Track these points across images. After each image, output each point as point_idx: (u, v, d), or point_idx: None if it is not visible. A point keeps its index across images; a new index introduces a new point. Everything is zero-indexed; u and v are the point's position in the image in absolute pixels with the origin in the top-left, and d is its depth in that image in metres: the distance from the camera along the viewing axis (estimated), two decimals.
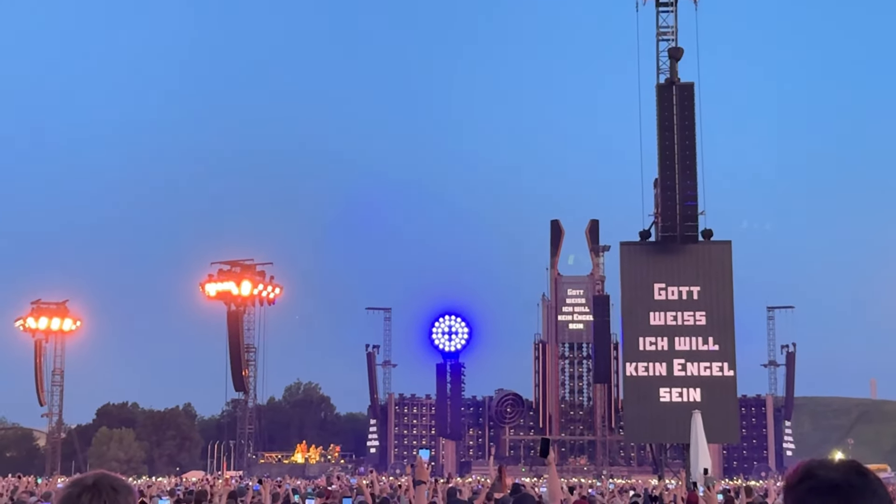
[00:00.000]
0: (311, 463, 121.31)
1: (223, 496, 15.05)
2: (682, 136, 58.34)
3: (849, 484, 2.50)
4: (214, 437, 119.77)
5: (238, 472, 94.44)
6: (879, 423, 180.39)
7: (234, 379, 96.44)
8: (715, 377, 57.17)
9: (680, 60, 60.28)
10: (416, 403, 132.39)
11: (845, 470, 2.54)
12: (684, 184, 57.87)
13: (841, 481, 2.51)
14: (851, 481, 2.51)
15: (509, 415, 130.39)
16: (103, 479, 3.62)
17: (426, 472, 8.66)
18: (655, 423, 57.12)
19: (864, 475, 2.55)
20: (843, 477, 2.52)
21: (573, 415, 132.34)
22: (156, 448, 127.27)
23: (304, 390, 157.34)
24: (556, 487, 9.22)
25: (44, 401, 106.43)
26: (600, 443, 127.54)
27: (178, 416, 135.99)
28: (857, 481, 2.51)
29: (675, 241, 58.27)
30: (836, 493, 2.49)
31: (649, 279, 58.94)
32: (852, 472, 2.54)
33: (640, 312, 58.91)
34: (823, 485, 2.52)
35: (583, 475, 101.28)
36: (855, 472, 2.54)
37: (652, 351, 58.16)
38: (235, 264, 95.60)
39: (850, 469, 2.55)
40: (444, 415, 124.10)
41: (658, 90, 60.04)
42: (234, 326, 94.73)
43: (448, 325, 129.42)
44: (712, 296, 58.34)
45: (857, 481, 2.51)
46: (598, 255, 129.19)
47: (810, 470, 2.58)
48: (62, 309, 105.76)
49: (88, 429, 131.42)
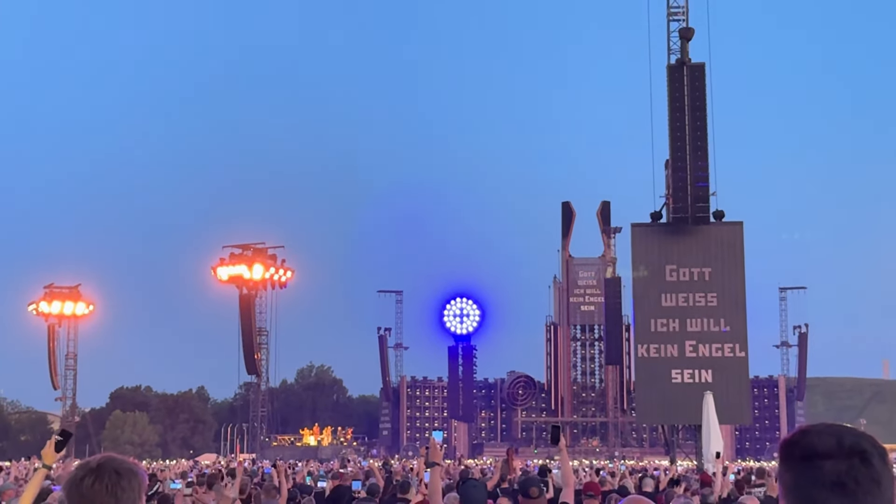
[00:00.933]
0: (324, 445, 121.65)
1: (235, 484, 15.05)
2: (693, 117, 58.09)
3: (855, 480, 2.42)
4: (227, 421, 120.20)
5: (251, 454, 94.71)
6: (892, 403, 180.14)
7: (246, 362, 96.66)
8: (727, 358, 57.11)
9: (691, 41, 59.99)
10: (429, 386, 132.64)
11: (851, 459, 2.44)
12: (695, 164, 57.66)
13: (846, 479, 2.43)
14: (858, 476, 2.42)
15: (521, 397, 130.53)
16: (108, 462, 3.61)
17: (440, 453, 8.62)
18: (667, 405, 57.10)
19: (870, 464, 2.44)
20: (848, 471, 2.43)
21: (585, 396, 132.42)
22: (169, 431, 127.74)
23: (317, 373, 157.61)
24: (568, 473, 9.20)
25: (57, 384, 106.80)
26: (612, 424, 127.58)
27: (192, 399, 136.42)
28: (862, 475, 2.42)
29: (687, 223, 58.11)
30: (839, 491, 2.42)
31: (661, 260, 58.83)
32: (858, 460, 2.43)
33: (652, 294, 58.83)
34: (828, 478, 2.44)
35: (595, 457, 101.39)
36: (860, 460, 2.44)
37: (663, 332, 58.11)
38: (247, 248, 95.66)
39: (856, 456, 2.44)
40: (457, 397, 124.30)
41: (669, 71, 59.77)
42: (246, 310, 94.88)
43: (459, 307, 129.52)
44: (724, 277, 58.22)
45: (862, 475, 2.43)
46: (610, 237, 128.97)
47: (814, 452, 2.48)
48: (75, 293, 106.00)
49: (102, 412, 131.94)
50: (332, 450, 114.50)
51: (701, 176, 57.58)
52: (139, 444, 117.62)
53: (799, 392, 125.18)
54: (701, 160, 57.79)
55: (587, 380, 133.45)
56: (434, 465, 8.48)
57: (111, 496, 3.57)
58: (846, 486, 2.42)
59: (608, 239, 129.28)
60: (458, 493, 8.09)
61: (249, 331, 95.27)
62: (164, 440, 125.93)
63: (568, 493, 8.59)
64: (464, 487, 8.02)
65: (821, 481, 2.45)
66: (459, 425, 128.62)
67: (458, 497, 8.67)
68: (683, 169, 57.66)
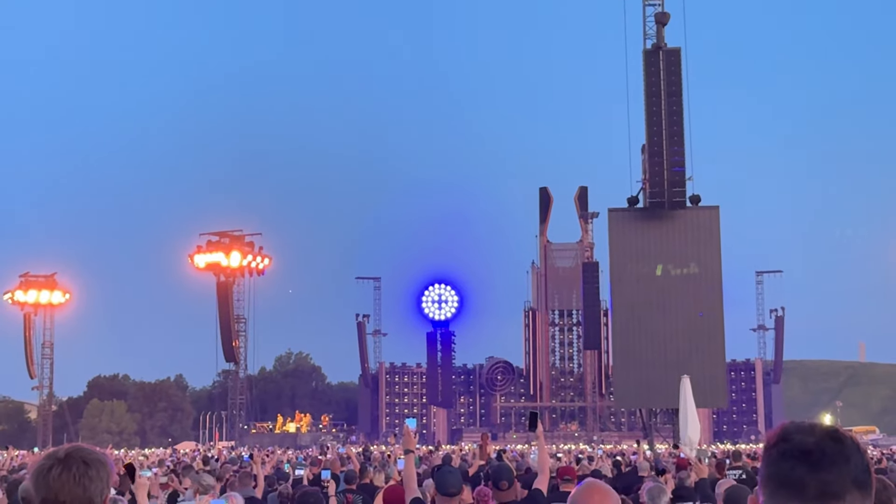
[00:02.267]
0: (303, 432, 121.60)
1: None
2: (670, 102, 58.26)
3: (822, 450, 2.44)
4: (206, 408, 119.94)
5: (230, 442, 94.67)
6: (868, 386, 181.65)
7: (224, 350, 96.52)
8: (703, 342, 57.43)
9: (667, 25, 60.10)
10: (407, 372, 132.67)
11: (821, 435, 2.47)
12: (672, 149, 57.88)
13: (813, 446, 2.45)
14: (824, 447, 2.44)
15: (500, 382, 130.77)
16: (75, 452, 3.59)
17: (414, 441, 8.75)
18: (644, 389, 57.44)
19: (840, 441, 2.47)
20: (817, 442, 2.46)
21: (564, 381, 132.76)
22: (147, 420, 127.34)
23: (295, 360, 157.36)
24: (545, 459, 9.27)
25: (34, 374, 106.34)
26: (591, 409, 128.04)
27: (170, 387, 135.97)
28: (830, 447, 2.44)
29: (663, 207, 58.37)
30: (807, 459, 2.44)
31: (637, 245, 59.09)
32: (827, 437, 2.47)
33: (629, 278, 59.10)
34: (796, 449, 2.47)
35: (573, 441, 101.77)
36: (830, 438, 2.47)
37: (641, 317, 58.38)
38: (224, 235, 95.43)
39: (825, 434, 2.48)
40: (435, 383, 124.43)
41: (645, 56, 59.89)
42: (223, 297, 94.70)
43: (438, 293, 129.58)
44: (700, 261, 58.53)
45: (831, 447, 2.45)
46: (588, 222, 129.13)
47: (787, 433, 2.52)
48: (51, 281, 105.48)
49: (79, 401, 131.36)
50: (311, 437, 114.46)
51: (677, 161, 57.84)
52: (117, 433, 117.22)
53: (775, 375, 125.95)
54: (677, 145, 58.05)
55: (566, 365, 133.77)
56: (408, 453, 8.66)
57: (79, 486, 3.54)
58: (812, 455, 2.44)
59: (586, 224, 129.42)
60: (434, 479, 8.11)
61: (227, 318, 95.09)
62: (143, 429, 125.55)
63: (542, 479, 8.63)
64: (439, 473, 8.04)
65: (790, 453, 2.47)
66: (438, 411, 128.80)
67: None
68: (660, 154, 57.90)
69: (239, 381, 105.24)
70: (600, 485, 4.22)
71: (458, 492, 7.80)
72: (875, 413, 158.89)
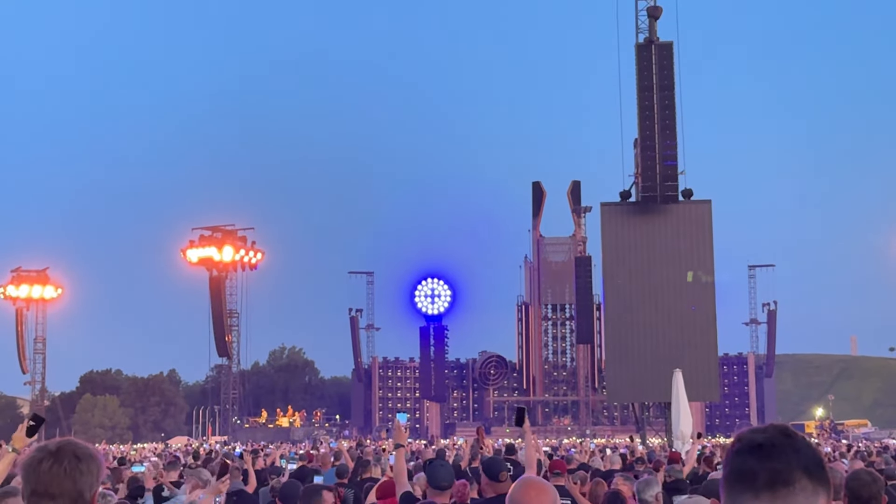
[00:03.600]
0: (297, 427, 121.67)
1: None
2: (662, 96, 58.29)
3: (771, 443, 2.57)
4: (199, 403, 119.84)
5: (223, 437, 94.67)
6: (860, 379, 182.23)
7: (217, 344, 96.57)
8: (696, 336, 57.49)
9: (659, 19, 60.09)
10: (400, 366, 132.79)
11: (772, 432, 2.62)
12: (664, 143, 57.91)
13: (763, 441, 2.59)
14: (774, 440, 2.58)
15: (493, 376, 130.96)
16: (66, 446, 3.60)
17: (404, 435, 8.82)
18: (637, 383, 57.45)
19: (790, 436, 2.60)
20: (767, 437, 2.60)
21: (556, 375, 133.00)
22: (140, 414, 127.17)
23: (289, 355, 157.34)
24: (532, 455, 9.34)
25: (26, 368, 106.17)
26: (584, 403, 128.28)
27: (163, 382, 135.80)
28: (780, 440, 2.58)
29: (656, 201, 58.42)
30: (757, 452, 2.57)
31: (630, 239, 59.14)
32: (777, 433, 2.61)
33: (622, 273, 59.15)
34: (747, 445, 2.60)
35: (566, 435, 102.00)
36: (780, 433, 2.61)
37: (633, 311, 58.45)
38: (217, 230, 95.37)
39: (776, 430, 2.62)
40: (428, 377, 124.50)
41: (637, 50, 59.91)
42: (216, 292, 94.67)
43: (431, 287, 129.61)
44: (693, 255, 58.60)
45: (780, 440, 2.58)
46: (580, 217, 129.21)
47: (741, 434, 2.68)
48: (43, 276, 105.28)
49: (72, 396, 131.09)
50: (305, 431, 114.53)
51: (669, 155, 57.87)
52: (110, 428, 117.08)
53: (768, 369, 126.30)
54: (669, 139, 58.07)
55: (558, 359, 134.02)
56: (399, 447, 8.71)
57: (69, 479, 3.56)
58: (762, 448, 2.57)
59: (578, 218, 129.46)
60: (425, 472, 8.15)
61: (220, 313, 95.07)
62: (136, 423, 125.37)
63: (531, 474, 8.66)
64: (430, 467, 8.07)
65: (743, 449, 2.60)
66: (431, 405, 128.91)
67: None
68: (652, 148, 57.93)
69: (232, 375, 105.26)
70: (537, 480, 4.41)
71: (450, 485, 7.83)
72: (867, 406, 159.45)
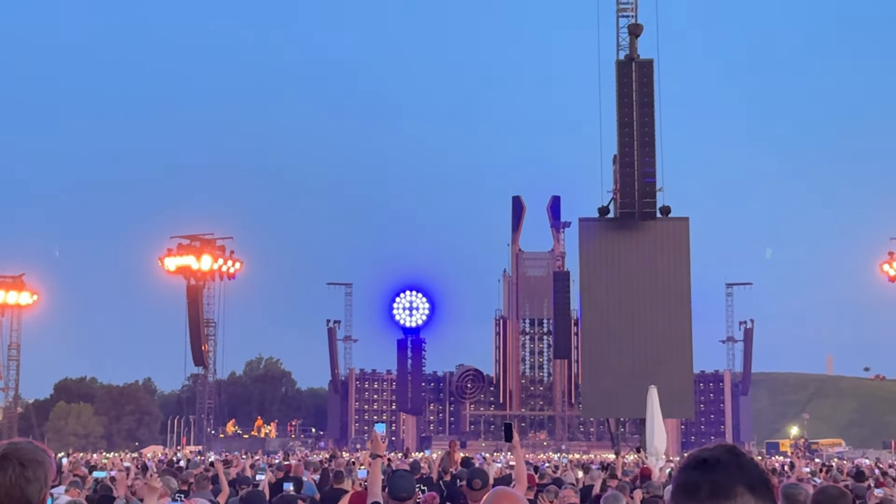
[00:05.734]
0: (272, 438, 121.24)
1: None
2: (641, 113, 58.63)
3: (716, 458, 2.64)
4: (174, 412, 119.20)
5: (198, 446, 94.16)
6: (835, 399, 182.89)
7: (193, 353, 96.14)
8: (672, 353, 57.69)
9: (640, 37, 60.48)
10: (377, 378, 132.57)
11: (719, 449, 2.70)
12: (643, 160, 58.24)
13: (709, 457, 2.66)
14: (719, 457, 2.65)
15: (470, 390, 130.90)
16: (11, 452, 3.54)
17: (382, 445, 8.83)
18: (612, 399, 57.59)
19: (736, 454, 2.68)
20: (712, 454, 2.67)
21: (533, 390, 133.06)
22: (114, 423, 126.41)
23: (265, 365, 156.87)
24: (522, 469, 9.35)
25: (0, 375, 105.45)
26: (560, 418, 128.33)
27: (138, 390, 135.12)
28: (725, 457, 2.65)
29: (634, 218, 58.69)
30: (701, 467, 2.64)
31: (608, 255, 59.37)
32: (724, 450, 2.69)
33: (599, 288, 59.35)
34: (692, 461, 2.69)
35: (542, 450, 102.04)
36: (726, 451, 2.68)
37: (610, 327, 58.61)
38: (195, 238, 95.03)
39: (723, 448, 2.70)
40: (405, 390, 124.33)
41: (618, 66, 60.24)
42: (193, 301, 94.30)
43: (409, 300, 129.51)
44: (670, 272, 58.84)
45: (725, 457, 2.65)
46: (559, 232, 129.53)
47: (691, 453, 2.77)
48: (19, 282, 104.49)
49: (46, 403, 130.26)
50: (280, 442, 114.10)
51: (648, 172, 58.20)
52: (84, 436, 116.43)
53: (744, 387, 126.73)
54: (648, 156, 58.41)
55: (535, 373, 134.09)
56: (377, 457, 8.71)
57: (15, 488, 3.49)
58: (707, 462, 2.65)
59: (557, 233, 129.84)
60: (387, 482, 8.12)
61: (197, 322, 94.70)
62: (110, 432, 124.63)
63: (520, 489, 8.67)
64: (392, 477, 8.04)
65: (689, 464, 2.70)
66: (408, 418, 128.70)
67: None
68: (631, 164, 58.25)
69: (208, 385, 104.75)
70: (509, 491, 4.45)
71: (409, 496, 7.79)
72: (842, 426, 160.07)
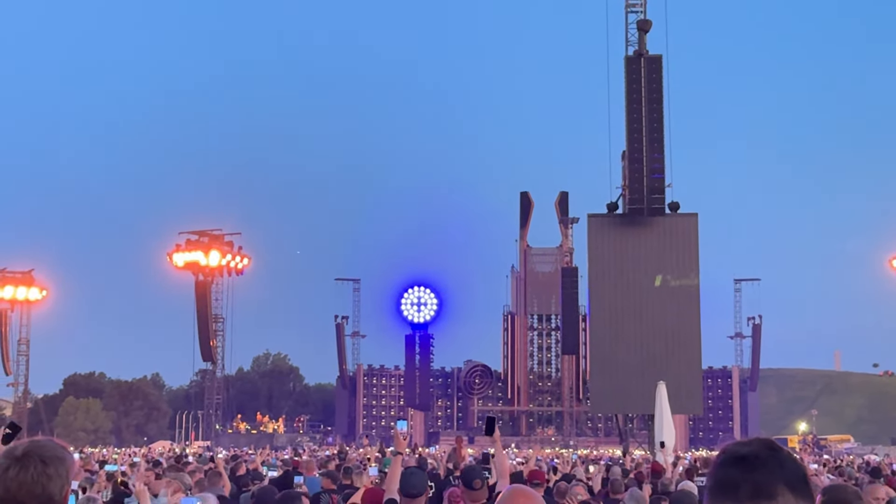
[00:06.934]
0: (280, 433, 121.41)
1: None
2: (650, 109, 58.48)
3: (755, 455, 2.59)
4: (182, 408, 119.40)
5: (206, 442, 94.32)
6: (843, 395, 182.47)
7: (201, 349, 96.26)
8: (680, 349, 57.62)
9: (648, 33, 60.34)
10: (385, 374, 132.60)
11: (757, 445, 2.64)
12: (652, 157, 58.10)
13: (748, 453, 2.60)
14: (759, 454, 2.59)
15: (478, 386, 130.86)
16: (33, 450, 3.55)
17: (404, 443, 9.06)
18: (620, 395, 57.53)
19: (774, 450, 2.62)
20: (751, 450, 2.61)
21: (541, 386, 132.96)
22: (123, 418, 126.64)
23: (273, 361, 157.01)
24: (504, 464, 9.43)
25: (10, 370, 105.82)
26: (568, 413, 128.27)
27: (146, 385, 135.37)
28: (764, 454, 2.59)
29: (643, 214, 58.58)
30: (741, 464, 2.58)
31: (616, 251, 59.28)
32: (762, 446, 2.63)
33: (607, 284, 59.28)
34: (731, 457, 2.62)
35: (550, 445, 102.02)
36: (765, 446, 2.62)
37: (618, 322, 58.56)
38: (203, 234, 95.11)
39: (761, 444, 2.64)
40: (413, 386, 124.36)
41: (626, 63, 60.12)
42: (201, 296, 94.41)
43: (417, 296, 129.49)
44: (678, 268, 58.75)
45: (765, 454, 2.59)
46: (568, 228, 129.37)
47: (726, 447, 2.71)
48: (28, 278, 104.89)
49: (55, 398, 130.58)
50: (288, 438, 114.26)
51: (657, 168, 58.07)
52: (92, 431, 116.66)
53: (752, 383, 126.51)
54: (657, 152, 58.27)
55: (543, 369, 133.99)
56: (397, 454, 8.95)
57: (37, 486, 3.50)
58: (746, 459, 2.59)
59: (566, 229, 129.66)
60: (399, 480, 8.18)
61: (205, 317, 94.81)
62: (118, 427, 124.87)
63: (503, 483, 8.73)
64: (403, 474, 8.11)
65: (727, 461, 2.64)
66: (416, 414, 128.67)
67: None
68: (639, 161, 58.13)
69: (216, 380, 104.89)
70: (525, 489, 4.44)
71: (420, 493, 7.85)
72: (850, 422, 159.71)
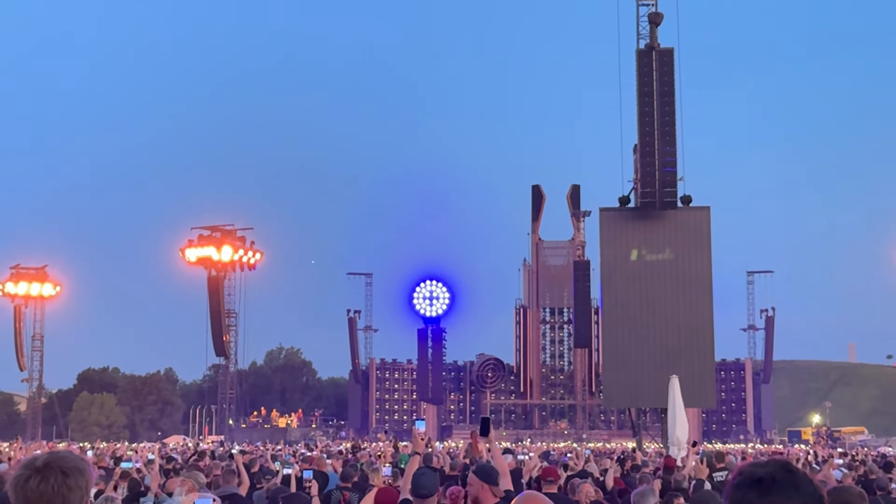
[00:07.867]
0: (293, 428, 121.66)
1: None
2: (662, 103, 58.33)
3: (771, 477, 2.60)
4: (196, 402, 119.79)
5: (219, 436, 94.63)
6: (857, 387, 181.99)
7: (214, 344, 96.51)
8: (692, 341, 57.53)
9: (660, 25, 60.18)
10: (398, 368, 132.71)
11: (773, 466, 2.64)
12: (663, 150, 57.96)
13: (764, 475, 2.61)
14: (775, 475, 2.60)
15: (490, 379, 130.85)
16: (53, 462, 3.59)
17: (422, 443, 9.12)
18: (633, 388, 57.48)
19: (791, 472, 2.62)
20: (767, 472, 2.62)
21: (554, 379, 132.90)
22: (137, 413, 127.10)
23: (286, 355, 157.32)
24: (501, 463, 9.47)
25: (24, 366, 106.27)
26: (580, 407, 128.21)
27: (160, 380, 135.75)
28: (780, 475, 2.60)
29: (655, 207, 58.45)
30: (757, 486, 2.60)
31: (628, 244, 59.20)
32: (779, 468, 2.63)
33: (620, 277, 59.19)
34: (747, 479, 2.64)
35: (563, 439, 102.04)
36: (781, 468, 2.63)
37: (631, 316, 58.49)
38: (216, 229, 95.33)
39: (777, 465, 2.64)
40: (426, 379, 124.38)
41: (638, 56, 59.98)
42: (214, 292, 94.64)
43: (429, 290, 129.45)
44: (691, 261, 58.63)
45: (781, 476, 2.60)
46: (580, 221, 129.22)
47: (743, 468, 2.71)
48: (42, 274, 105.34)
49: (69, 393, 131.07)
50: (301, 432, 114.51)
51: (669, 161, 57.92)
52: (106, 426, 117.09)
53: (765, 375, 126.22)
54: (669, 145, 58.11)
55: (556, 363, 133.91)
56: (415, 455, 9.10)
57: (58, 497, 3.54)
58: (762, 482, 2.60)
59: (578, 223, 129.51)
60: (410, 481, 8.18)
61: (218, 312, 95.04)
62: (132, 422, 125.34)
63: (505, 481, 8.77)
64: (414, 475, 8.10)
65: (743, 483, 2.65)
66: (428, 408, 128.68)
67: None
68: (651, 154, 57.98)
69: (229, 375, 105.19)
70: (538, 496, 4.43)
71: (431, 494, 7.83)
72: (864, 414, 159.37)
